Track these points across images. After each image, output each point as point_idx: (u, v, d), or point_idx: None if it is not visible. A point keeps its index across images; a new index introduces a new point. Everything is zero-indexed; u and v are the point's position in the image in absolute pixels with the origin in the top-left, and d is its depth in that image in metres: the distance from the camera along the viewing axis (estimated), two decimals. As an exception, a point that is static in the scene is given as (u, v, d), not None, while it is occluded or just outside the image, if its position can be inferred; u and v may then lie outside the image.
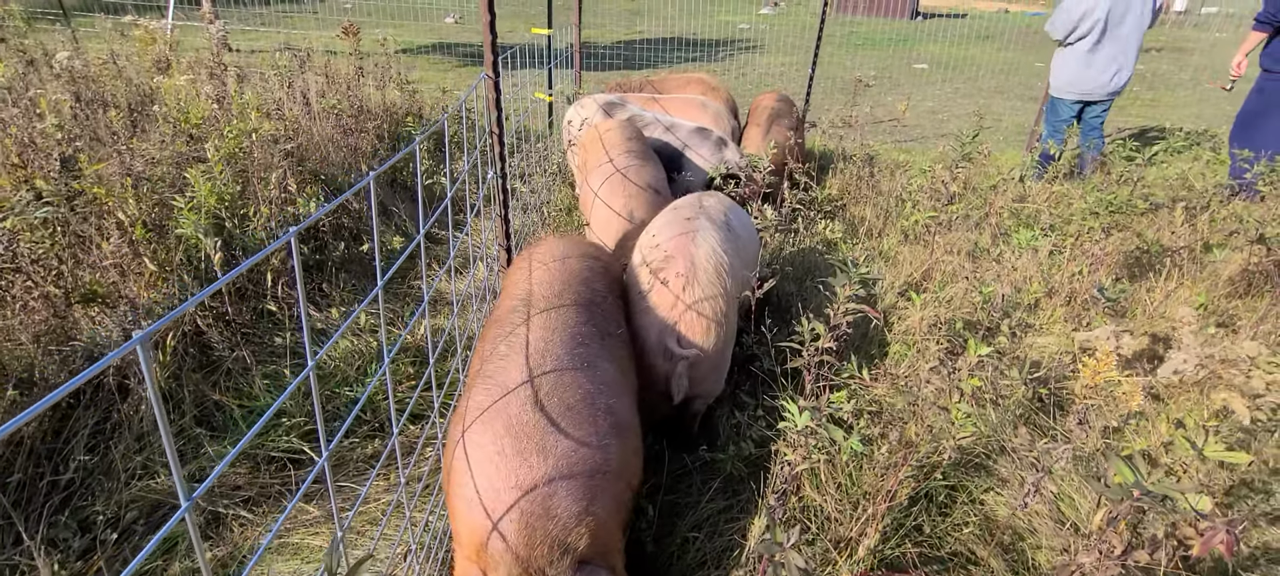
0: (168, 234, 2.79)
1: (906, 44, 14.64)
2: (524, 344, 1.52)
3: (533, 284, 1.80)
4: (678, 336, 1.79)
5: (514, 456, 1.28)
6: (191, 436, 2.11)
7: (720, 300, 1.86)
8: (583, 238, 2.35)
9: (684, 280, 1.85)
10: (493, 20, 2.23)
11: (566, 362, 1.48)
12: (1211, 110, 8.10)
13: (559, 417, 1.36)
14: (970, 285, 2.83)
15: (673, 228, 2.09)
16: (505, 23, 15.14)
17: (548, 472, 1.28)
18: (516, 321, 1.63)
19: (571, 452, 1.32)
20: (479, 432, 1.33)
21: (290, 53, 5.60)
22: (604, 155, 3.21)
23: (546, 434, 1.32)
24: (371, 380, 1.88)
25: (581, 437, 1.35)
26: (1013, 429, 1.98)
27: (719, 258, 1.94)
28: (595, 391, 1.47)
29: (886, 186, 4.14)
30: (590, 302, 1.77)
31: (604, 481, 1.35)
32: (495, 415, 1.35)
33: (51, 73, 4.61)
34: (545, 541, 1.23)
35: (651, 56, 11.09)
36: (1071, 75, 4.47)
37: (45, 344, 2.18)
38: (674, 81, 5.12)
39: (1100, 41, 4.31)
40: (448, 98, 6.33)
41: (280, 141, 3.54)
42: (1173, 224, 3.21)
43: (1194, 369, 1.49)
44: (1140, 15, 4.23)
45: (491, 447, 1.30)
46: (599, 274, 1.96)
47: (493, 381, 1.44)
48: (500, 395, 1.38)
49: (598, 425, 1.40)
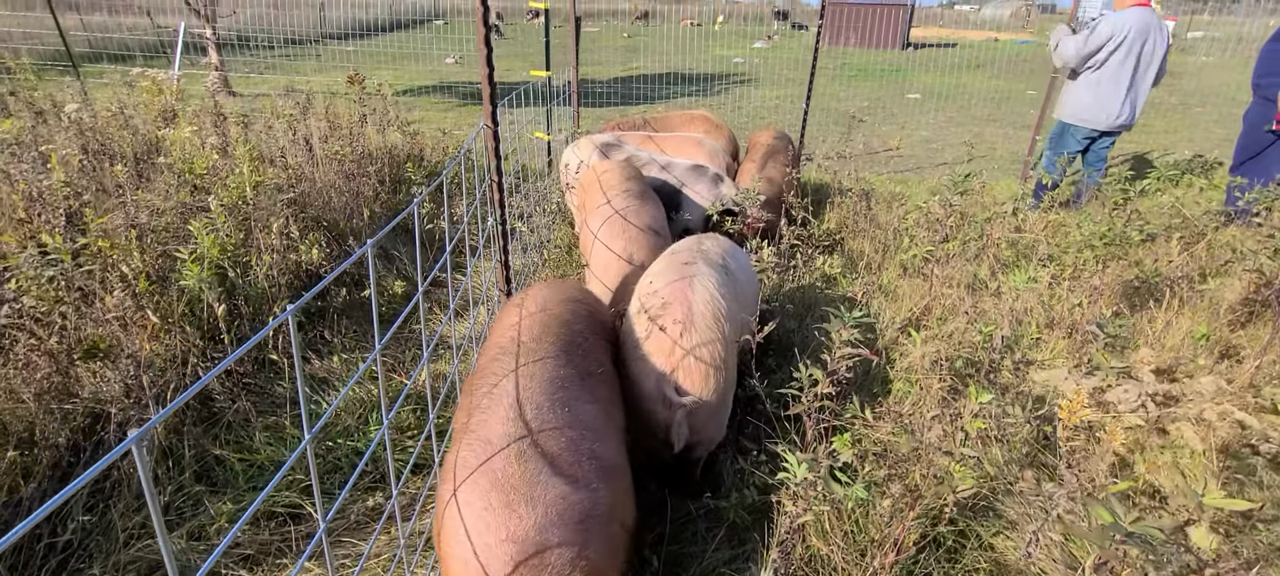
0: (171, 285, 2.81)
1: (899, 74, 14.89)
2: (505, 395, 1.54)
3: (513, 333, 1.82)
4: (676, 384, 1.79)
5: (502, 510, 1.29)
6: (191, 494, 2.10)
7: (718, 345, 1.86)
8: (567, 282, 2.37)
9: (681, 326, 1.85)
10: (491, 72, 2.29)
11: (548, 410, 1.50)
12: (1202, 134, 8.19)
13: (544, 467, 1.37)
14: (971, 318, 2.83)
15: (670, 273, 2.10)
16: (505, 63, 15.45)
17: (538, 521, 1.28)
18: (497, 372, 1.65)
19: (560, 500, 1.33)
20: (467, 491, 1.34)
21: (293, 98, 5.71)
22: (602, 197, 3.24)
23: (533, 484, 1.33)
24: (373, 432, 1.88)
25: (569, 484, 1.36)
26: (1019, 469, 1.97)
27: (717, 303, 1.95)
28: (579, 437, 1.48)
29: (884, 219, 4.17)
30: (570, 344, 1.78)
31: (595, 525, 1.35)
32: (481, 472, 1.36)
33: (60, 125, 4.70)
34: None
35: (648, 92, 11.27)
36: (1088, 103, 4.43)
37: (47, 402, 2.18)
38: (676, 119, 5.20)
39: (1120, 73, 4.29)
40: (448, 138, 6.43)
41: (283, 189, 3.59)
42: (1170, 253, 3.23)
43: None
44: (1154, 59, 4.26)
45: (480, 504, 1.31)
46: (581, 316, 1.97)
47: (476, 436, 1.45)
48: (484, 450, 1.40)
49: (583, 470, 1.41)
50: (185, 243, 2.98)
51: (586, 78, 12.67)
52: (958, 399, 2.30)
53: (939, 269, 3.28)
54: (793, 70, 14.40)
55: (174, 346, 2.58)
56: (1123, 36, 4.24)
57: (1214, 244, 3.46)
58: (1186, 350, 2.66)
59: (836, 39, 23.02)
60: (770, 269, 2.79)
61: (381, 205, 4.44)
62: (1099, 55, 4.33)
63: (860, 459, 2.11)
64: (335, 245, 3.76)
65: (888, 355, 2.72)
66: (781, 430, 2.27)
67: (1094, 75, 4.40)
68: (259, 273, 3.05)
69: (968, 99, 11.12)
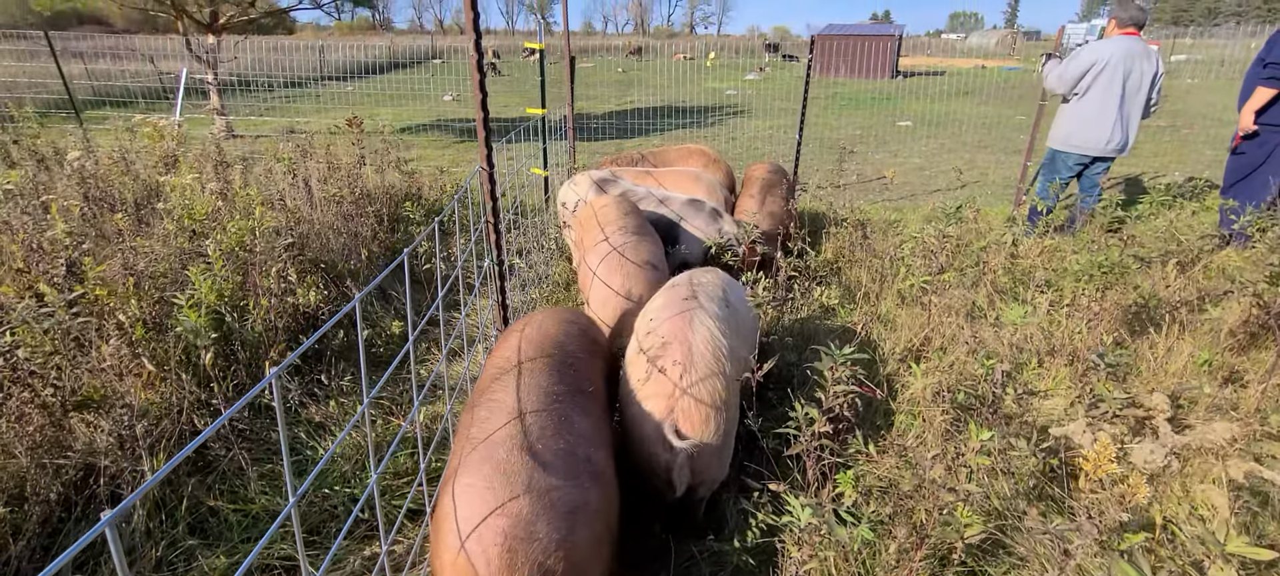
0: (167, 332, 2.80)
1: (889, 102, 15.13)
2: (503, 405, 1.64)
3: (512, 352, 1.92)
4: (676, 427, 1.76)
5: (502, 489, 1.39)
6: (184, 548, 2.05)
7: (719, 385, 1.84)
8: (565, 308, 2.44)
9: (681, 367, 1.84)
10: (486, 116, 2.31)
11: (545, 417, 1.61)
12: (1192, 156, 8.29)
13: (541, 461, 1.48)
14: (971, 348, 2.82)
15: (668, 310, 2.09)
16: (502, 99, 15.69)
17: (532, 504, 1.37)
18: (496, 389, 1.74)
19: (553, 489, 1.43)
20: (469, 475, 1.43)
21: (293, 139, 5.78)
22: (600, 233, 3.26)
23: (531, 472, 1.44)
24: (369, 479, 1.85)
25: (562, 478, 1.47)
26: (1026, 503, 1.93)
27: (717, 341, 1.93)
28: (573, 442, 1.59)
29: (880, 248, 4.18)
30: (563, 363, 1.88)
31: (583, 518, 1.44)
32: (484, 460, 1.46)
33: (62, 172, 4.74)
34: (527, 562, 1.31)
35: (644, 126, 11.42)
36: (1075, 129, 4.48)
37: (39, 455, 2.15)
38: (673, 153, 5.24)
39: (1106, 98, 4.34)
40: (445, 176, 6.48)
41: (282, 232, 3.60)
42: (1166, 278, 3.23)
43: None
44: (1142, 84, 4.31)
45: (481, 485, 1.40)
46: (575, 337, 2.07)
47: (477, 436, 1.56)
48: (485, 445, 1.51)
49: (576, 470, 1.52)
50: (183, 288, 2.98)
51: (582, 112, 12.87)
52: (961, 432, 2.28)
53: (937, 298, 3.28)
54: (785, 100, 14.63)
55: (169, 394, 2.55)
56: (1104, 63, 4.30)
57: (1210, 268, 3.46)
58: (1189, 376, 2.65)
59: (827, 69, 23.44)
60: (768, 303, 2.78)
61: (379, 245, 4.45)
62: (1082, 82, 4.39)
63: (864, 496, 2.07)
64: (333, 287, 3.76)
65: (889, 387, 2.70)
66: (783, 468, 2.24)
67: (1079, 103, 4.46)
68: (256, 317, 3.04)
69: (958, 126, 11.27)
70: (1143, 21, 4.37)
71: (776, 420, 2.56)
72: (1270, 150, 4.09)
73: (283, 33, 27.84)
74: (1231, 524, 1.30)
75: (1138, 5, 4.36)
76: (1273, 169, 4.07)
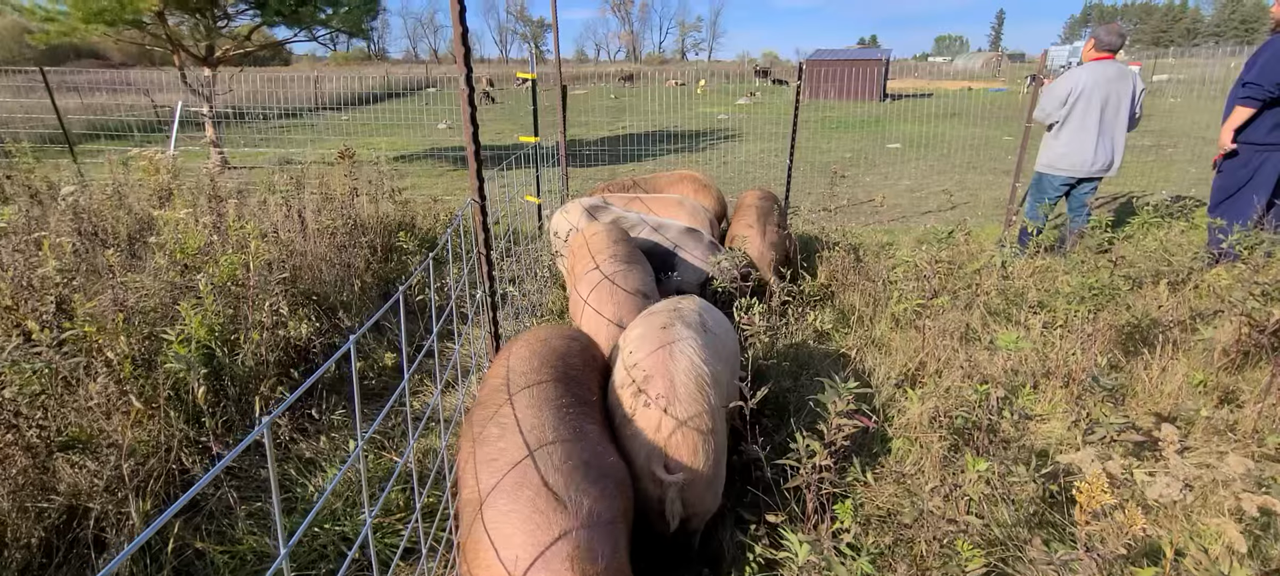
0: (156, 368, 2.77)
1: (878, 125, 15.33)
2: (515, 422, 1.67)
3: (511, 368, 1.95)
4: (665, 461, 1.74)
5: (552, 513, 1.41)
6: (168, 593, 2.00)
7: (706, 416, 1.82)
8: (558, 324, 2.41)
9: (666, 400, 1.82)
10: (477, 148, 2.33)
11: (563, 431, 1.64)
12: (1178, 174, 8.40)
13: (574, 476, 1.51)
14: (966, 372, 2.81)
15: (648, 342, 2.06)
16: (496, 126, 15.83)
17: (583, 520, 1.42)
18: (500, 402, 1.78)
19: (594, 504, 1.47)
20: (507, 501, 1.45)
21: (288, 170, 5.79)
22: (591, 261, 3.26)
23: (569, 489, 1.47)
24: (361, 517, 1.81)
25: (598, 489, 1.51)
26: (1027, 530, 1.91)
27: (700, 370, 1.91)
28: (592, 453, 1.63)
29: (873, 271, 4.20)
30: (566, 375, 1.93)
31: (621, 525, 1.51)
32: (520, 485, 1.47)
33: (56, 208, 4.73)
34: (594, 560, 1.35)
35: (636, 151, 11.52)
36: (1062, 150, 4.57)
37: (22, 498, 2.10)
38: (664, 180, 5.28)
39: (1086, 122, 4.44)
40: (439, 205, 6.51)
41: (275, 266, 3.59)
42: (1159, 298, 3.25)
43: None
44: (1121, 105, 4.41)
45: (527, 509, 1.42)
46: (576, 352, 2.13)
47: (497, 463, 1.56)
48: (510, 469, 1.52)
49: (605, 481, 1.56)
50: (174, 323, 2.95)
51: (575, 139, 12.98)
52: (958, 457, 2.26)
53: (931, 321, 3.28)
54: (775, 125, 14.81)
55: (156, 432, 2.51)
56: (1080, 90, 4.44)
57: (1201, 287, 3.48)
58: (1184, 396, 2.65)
59: (816, 93, 23.79)
60: (762, 330, 2.78)
61: (372, 276, 4.44)
62: (1062, 110, 4.52)
63: (863, 526, 2.05)
64: (325, 319, 3.73)
65: (884, 413, 2.69)
66: (780, 498, 2.21)
67: (1061, 130, 4.59)
68: (247, 351, 3.02)
69: (947, 147, 11.41)
70: (1118, 45, 4.49)
71: (774, 448, 2.54)
72: (1255, 169, 4.15)
73: (279, 64, 28.12)
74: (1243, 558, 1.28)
75: (1116, 31, 4.48)
76: (1258, 187, 4.13)
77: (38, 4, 8.51)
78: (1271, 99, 3.97)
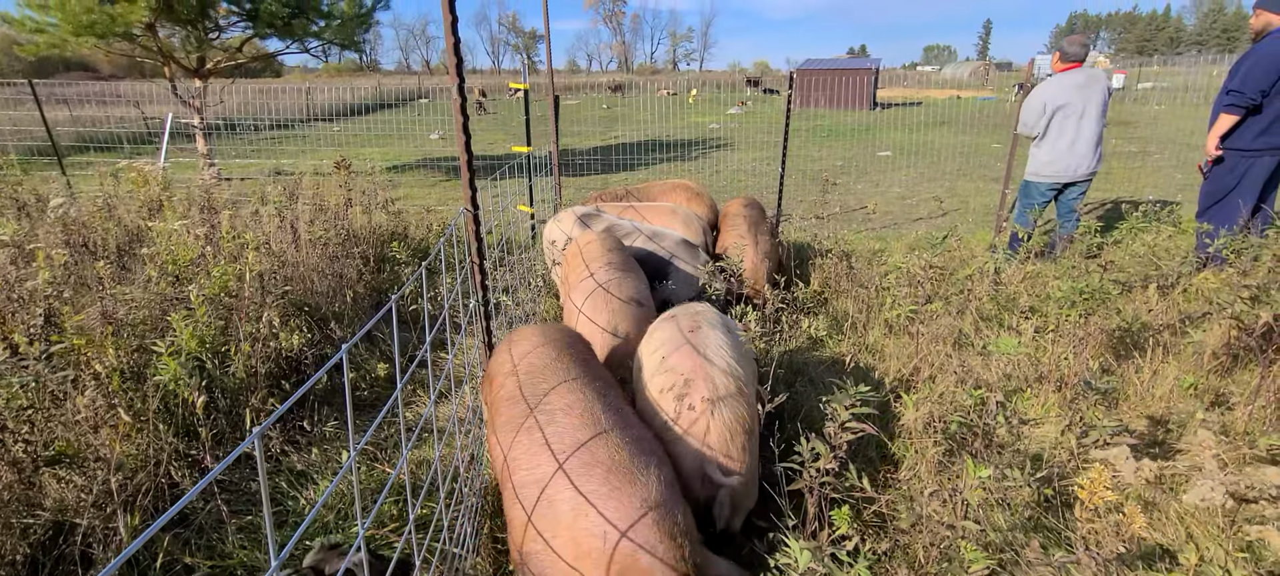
0: (145, 381, 2.73)
1: (869, 133, 15.45)
2: (567, 408, 1.72)
3: (544, 355, 2.01)
4: (718, 464, 1.74)
5: (628, 485, 1.48)
6: (157, 609, 1.97)
7: (746, 413, 1.85)
8: (550, 323, 2.56)
9: (711, 402, 1.82)
10: (470, 158, 2.32)
11: (607, 411, 1.72)
12: (1164, 180, 8.51)
13: (635, 450, 1.59)
14: (960, 377, 2.82)
15: (675, 344, 2.07)
16: (489, 136, 15.84)
17: (655, 486, 1.50)
18: (539, 395, 1.82)
19: (657, 471, 1.55)
20: (582, 481, 1.50)
21: (280, 180, 5.76)
22: (585, 270, 3.25)
23: (635, 460, 1.55)
24: (354, 528, 1.79)
25: (654, 459, 1.60)
26: (1024, 535, 1.91)
27: (735, 369, 1.93)
28: (639, 434, 1.71)
29: (866, 277, 4.21)
30: (585, 363, 2.00)
31: (678, 491, 1.58)
32: (590, 465, 1.53)
33: (44, 220, 4.69)
34: (677, 536, 1.43)
35: (629, 160, 11.55)
36: (1046, 159, 4.70)
37: (7, 514, 2.06)
38: (657, 189, 5.30)
39: (1063, 129, 4.58)
40: (432, 215, 6.49)
41: (267, 277, 3.56)
42: (1148, 302, 3.27)
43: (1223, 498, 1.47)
44: (1089, 109, 4.54)
45: (602, 486, 1.48)
46: (581, 343, 2.24)
47: (557, 443, 1.63)
48: (572, 452, 1.58)
49: (656, 452, 1.65)
50: (163, 336, 2.92)
51: (568, 148, 13.00)
52: (955, 462, 2.26)
53: (924, 326, 3.29)
54: (767, 133, 14.89)
55: (145, 446, 2.48)
56: (1055, 102, 4.59)
57: (1190, 291, 3.52)
58: (1175, 399, 2.67)
59: (807, 101, 23.96)
60: (758, 336, 2.78)
61: (365, 286, 4.41)
62: (1041, 122, 4.67)
63: (861, 531, 2.04)
64: (317, 330, 3.70)
65: (880, 420, 2.69)
66: (777, 503, 2.20)
67: (1043, 142, 4.74)
68: (238, 363, 2.99)
69: (937, 154, 11.51)
70: (1083, 55, 4.69)
71: (767, 456, 2.53)
72: (1241, 175, 4.20)
73: (270, 76, 28.05)
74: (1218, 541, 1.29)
75: (1078, 42, 4.69)
76: (1244, 193, 4.18)
77: (27, 15, 8.46)
78: (1255, 106, 4.03)
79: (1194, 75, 18.66)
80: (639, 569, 1.37)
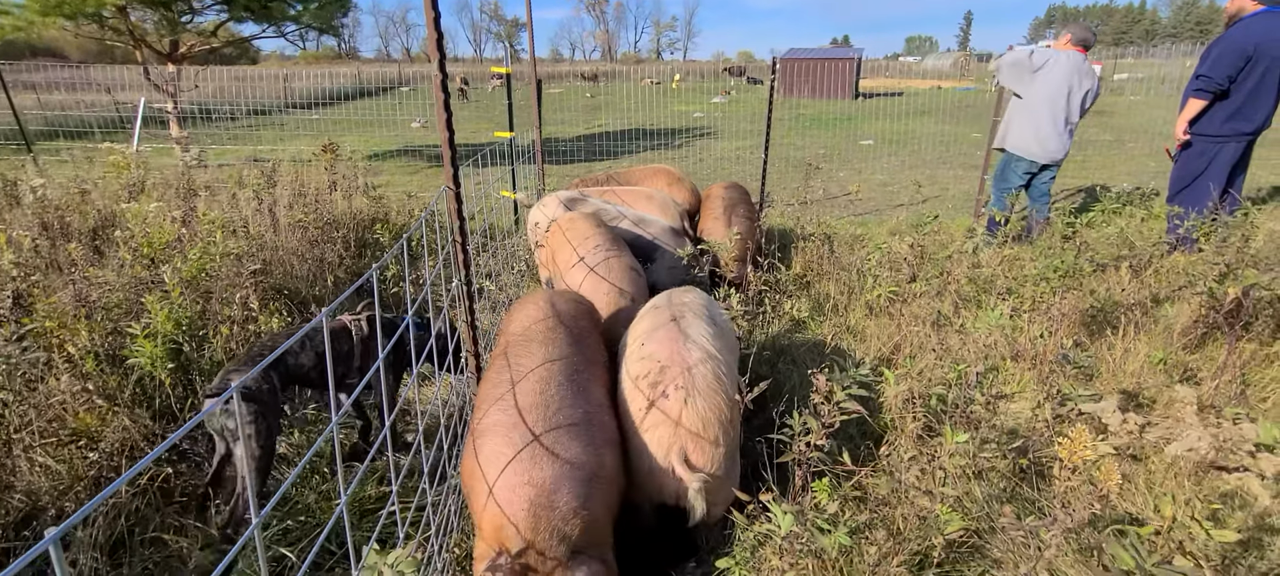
0: (120, 364, 2.68)
1: (851, 122, 15.55)
2: (529, 374, 1.85)
3: (529, 326, 2.16)
4: (686, 456, 1.72)
5: (529, 462, 1.59)
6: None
7: (723, 405, 1.80)
8: (565, 290, 2.67)
9: (684, 393, 1.79)
10: (451, 134, 2.30)
11: (567, 388, 1.82)
12: (1137, 167, 8.68)
13: (564, 432, 1.67)
14: (939, 355, 2.87)
15: (657, 332, 2.03)
16: (470, 125, 15.67)
17: (554, 475, 1.57)
18: (521, 355, 1.97)
19: (573, 460, 1.62)
20: (499, 444, 1.64)
21: (260, 167, 5.66)
22: (573, 253, 3.25)
23: (555, 444, 1.63)
24: (337, 502, 1.78)
25: (582, 448, 1.65)
26: (999, 504, 1.96)
27: (714, 359, 1.89)
28: (590, 411, 1.79)
29: (847, 261, 4.26)
30: (579, 337, 2.13)
31: (599, 484, 1.63)
32: (513, 428, 1.67)
33: (16, 203, 4.56)
34: (548, 527, 1.51)
35: (612, 148, 11.51)
36: (1027, 136, 4.71)
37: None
38: (639, 174, 5.30)
39: (1054, 107, 4.58)
40: (413, 201, 6.42)
41: (245, 260, 3.51)
42: (1121, 282, 3.35)
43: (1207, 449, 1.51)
44: (1081, 97, 4.59)
45: (510, 454, 1.61)
46: (583, 315, 2.36)
47: (508, 402, 1.77)
48: (513, 413, 1.71)
49: (594, 438, 1.71)
50: (138, 319, 2.87)
51: (551, 137, 12.92)
52: (933, 437, 2.30)
53: (905, 308, 3.34)
54: (750, 122, 14.92)
55: (120, 429, 2.44)
56: (1054, 67, 4.59)
57: (1161, 271, 3.60)
58: (1146, 374, 2.74)
59: (790, 91, 24.03)
60: (740, 316, 2.80)
61: (346, 271, 4.36)
62: (1030, 79, 4.64)
63: (841, 503, 2.08)
64: (297, 314, 3.66)
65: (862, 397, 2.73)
66: (761, 480, 2.23)
67: (1028, 106, 4.71)
68: (216, 345, 2.94)
69: (918, 143, 11.63)
70: (1091, 43, 4.69)
71: (754, 430, 2.56)
72: (1209, 160, 4.30)
73: (246, 63, 27.43)
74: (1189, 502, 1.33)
75: (1089, 28, 4.71)
76: (1213, 176, 4.28)
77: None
78: (1223, 92, 4.12)
79: (1169, 66, 19.04)
80: (500, 528, 1.53)
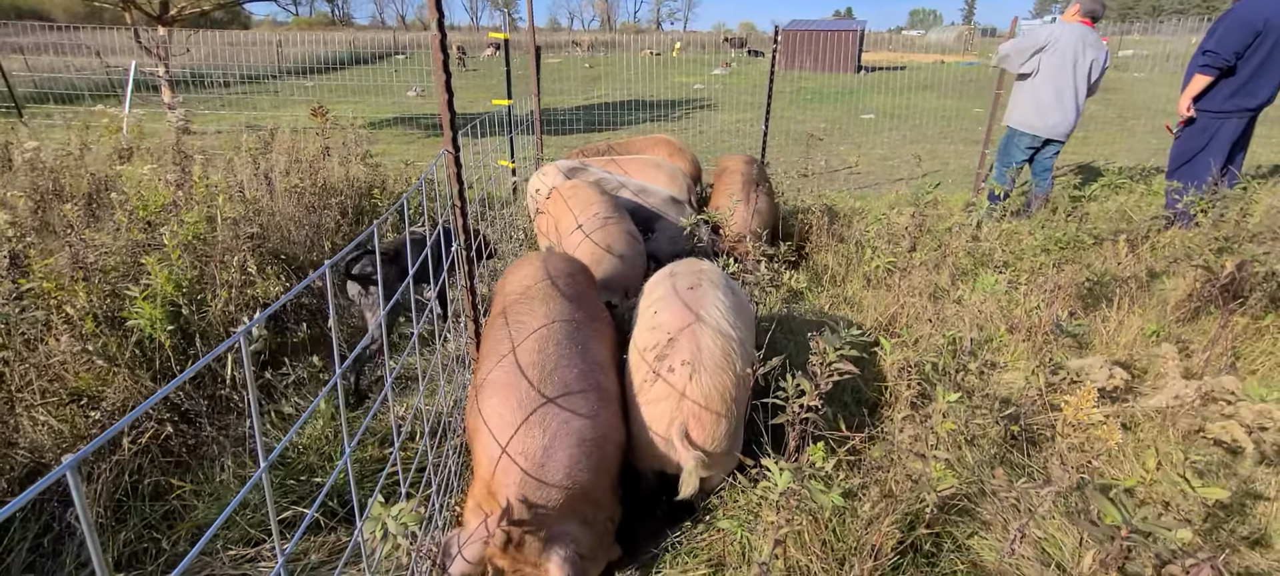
0: (120, 325, 2.69)
1: (853, 96, 15.40)
2: (528, 329, 1.88)
3: (529, 285, 2.18)
4: (686, 432, 1.72)
5: (522, 428, 1.60)
6: (150, 539, 1.98)
7: (729, 383, 1.77)
8: (558, 252, 2.71)
9: (691, 368, 1.76)
10: (450, 97, 2.27)
11: (566, 347, 1.83)
12: (1139, 145, 8.65)
13: (558, 394, 1.68)
14: (935, 326, 2.89)
15: (671, 303, 2.00)
16: (468, 94, 15.47)
17: (545, 441, 1.59)
18: (521, 312, 1.99)
19: (565, 424, 1.63)
20: (497, 402, 1.67)
21: (254, 132, 5.60)
22: (574, 220, 3.25)
23: (546, 409, 1.64)
24: (336, 467, 1.81)
25: (574, 411, 1.66)
26: (990, 469, 2.00)
27: (727, 334, 1.85)
28: (587, 369, 1.81)
29: (846, 233, 4.26)
30: (578, 295, 2.16)
31: (591, 447, 1.64)
32: (510, 389, 1.68)
33: (9, 167, 4.51)
34: (535, 496, 1.53)
35: (611, 119, 11.39)
36: (1033, 113, 4.65)
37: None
38: (639, 144, 5.26)
39: (1059, 81, 4.52)
40: (411, 170, 6.37)
41: (241, 223, 3.49)
42: (1118, 255, 3.37)
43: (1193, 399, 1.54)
44: (1088, 70, 4.52)
45: (507, 417, 1.63)
46: (579, 271, 2.41)
47: (509, 360, 1.78)
48: (514, 372, 1.73)
49: (589, 399, 1.72)
50: (137, 281, 2.86)
51: (550, 106, 12.77)
52: (927, 403, 2.34)
53: (902, 279, 3.35)
54: (751, 94, 14.77)
55: (121, 390, 2.45)
56: (1058, 44, 4.51)
57: (1158, 245, 3.62)
58: (1139, 346, 2.77)
59: (792, 63, 23.73)
60: (754, 285, 2.82)
61: (343, 237, 4.35)
62: (1034, 60, 4.58)
63: (835, 466, 2.11)
64: (295, 278, 3.66)
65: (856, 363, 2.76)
66: (758, 444, 2.26)
67: (1033, 82, 4.65)
68: (216, 309, 2.95)
69: (920, 118, 11.54)
70: (1099, 14, 4.59)
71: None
72: (1211, 136, 4.29)
73: (238, 27, 26.91)
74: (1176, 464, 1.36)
75: (1099, 0, 4.58)
76: (1213, 152, 4.27)
77: (-27, -47, 7.96)
78: (1229, 68, 4.09)
79: (1175, 43, 18.81)
80: (492, 491, 1.56)
